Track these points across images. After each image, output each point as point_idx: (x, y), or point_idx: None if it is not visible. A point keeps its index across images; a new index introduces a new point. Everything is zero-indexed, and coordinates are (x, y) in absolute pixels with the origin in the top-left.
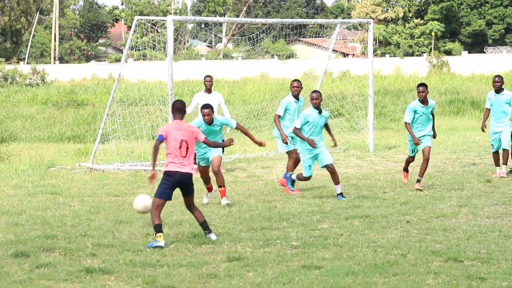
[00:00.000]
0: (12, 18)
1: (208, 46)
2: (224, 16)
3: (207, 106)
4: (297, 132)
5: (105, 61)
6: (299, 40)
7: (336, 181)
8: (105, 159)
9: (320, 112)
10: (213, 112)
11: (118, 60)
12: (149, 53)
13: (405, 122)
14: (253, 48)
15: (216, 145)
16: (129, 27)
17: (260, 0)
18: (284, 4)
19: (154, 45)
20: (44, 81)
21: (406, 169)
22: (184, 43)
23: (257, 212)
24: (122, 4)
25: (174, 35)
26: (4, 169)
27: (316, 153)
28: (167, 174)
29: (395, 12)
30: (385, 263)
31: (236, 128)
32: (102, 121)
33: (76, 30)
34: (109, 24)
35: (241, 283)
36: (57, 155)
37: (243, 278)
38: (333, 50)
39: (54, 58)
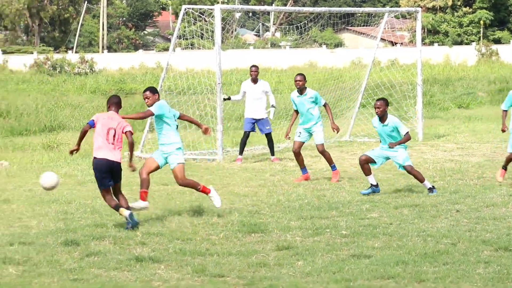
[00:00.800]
0: (60, 7)
1: (255, 35)
2: (272, 5)
3: (147, 89)
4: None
5: (153, 50)
6: (347, 29)
7: (419, 179)
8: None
9: (382, 121)
10: (156, 95)
11: (166, 49)
12: (197, 42)
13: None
14: (301, 37)
15: (137, 117)
16: (177, 16)
17: None
18: None
19: (202, 34)
20: (92, 70)
21: (504, 167)
22: (232, 32)
23: (306, 201)
24: None
25: (221, 24)
26: (53, 158)
27: (388, 155)
28: (94, 163)
29: (443, 0)
30: (435, 252)
31: (180, 118)
32: None
33: (124, 19)
34: (157, 13)
35: (290, 272)
36: None
37: (292, 267)
38: (381, 39)
39: (102, 47)
